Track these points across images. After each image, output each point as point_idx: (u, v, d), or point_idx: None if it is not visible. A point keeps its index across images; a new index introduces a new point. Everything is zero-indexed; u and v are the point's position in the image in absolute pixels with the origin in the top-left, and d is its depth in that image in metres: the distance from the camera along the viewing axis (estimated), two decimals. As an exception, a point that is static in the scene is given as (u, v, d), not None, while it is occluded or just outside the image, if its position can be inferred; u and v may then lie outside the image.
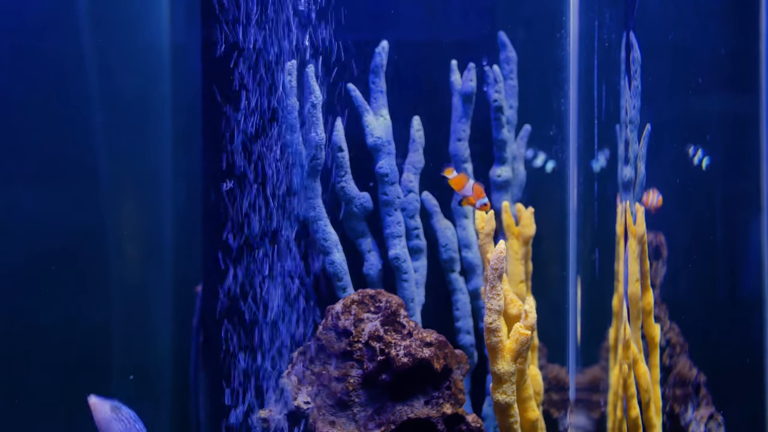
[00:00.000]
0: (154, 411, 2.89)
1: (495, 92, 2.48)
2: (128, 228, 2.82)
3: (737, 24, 2.74)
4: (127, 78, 2.85)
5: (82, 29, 2.68)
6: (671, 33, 2.58)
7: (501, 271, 1.95)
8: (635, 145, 2.38)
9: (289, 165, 2.31)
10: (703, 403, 2.54)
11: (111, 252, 2.76)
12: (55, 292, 2.62)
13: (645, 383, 2.27)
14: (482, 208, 2.19)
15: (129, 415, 1.94)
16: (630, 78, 2.34)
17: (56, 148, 2.62)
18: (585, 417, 2.68)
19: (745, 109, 2.73)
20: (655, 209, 2.39)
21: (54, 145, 2.62)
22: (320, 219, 2.34)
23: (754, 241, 2.72)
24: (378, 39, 2.40)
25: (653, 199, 2.39)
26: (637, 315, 2.32)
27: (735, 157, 2.75)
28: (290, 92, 2.28)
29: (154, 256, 2.89)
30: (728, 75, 2.72)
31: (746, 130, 2.74)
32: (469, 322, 2.49)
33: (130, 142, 2.82)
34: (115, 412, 1.93)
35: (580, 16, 2.64)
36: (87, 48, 2.69)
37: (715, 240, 2.70)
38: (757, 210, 2.70)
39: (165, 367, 2.90)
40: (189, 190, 2.80)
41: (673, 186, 2.61)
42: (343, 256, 2.36)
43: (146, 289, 2.87)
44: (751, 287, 2.74)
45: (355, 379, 2.08)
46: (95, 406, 1.92)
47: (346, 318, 2.12)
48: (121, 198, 2.79)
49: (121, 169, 2.78)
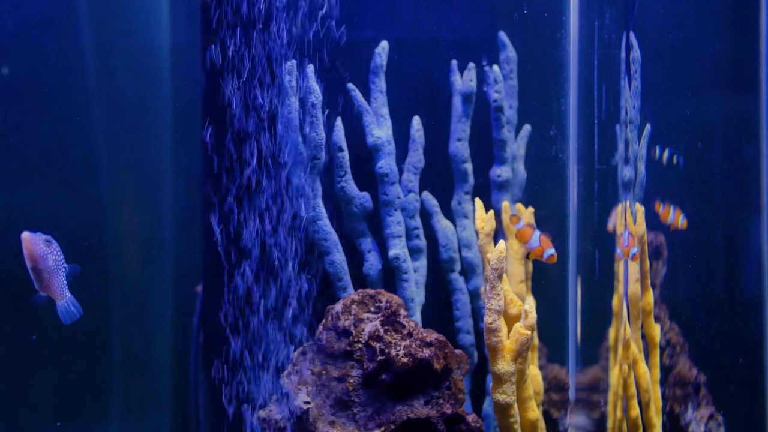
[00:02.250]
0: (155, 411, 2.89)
1: (495, 92, 2.48)
2: (128, 228, 2.82)
3: (737, 24, 2.74)
4: (128, 78, 2.85)
5: (83, 30, 2.68)
6: (671, 33, 2.58)
7: (501, 271, 1.95)
8: (635, 145, 2.38)
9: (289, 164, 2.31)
10: (703, 403, 2.54)
11: (111, 252, 2.76)
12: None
13: (645, 383, 2.27)
14: (549, 259, 2.16)
15: (58, 249, 1.90)
16: (630, 78, 2.34)
17: (56, 148, 2.62)
18: (585, 417, 2.68)
19: (745, 109, 2.73)
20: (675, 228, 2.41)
21: (54, 145, 2.62)
22: (320, 219, 2.34)
23: (754, 241, 2.72)
24: (378, 39, 2.40)
25: (678, 220, 2.40)
26: (637, 315, 2.33)
27: (735, 157, 2.75)
28: (290, 92, 2.29)
29: (154, 256, 2.89)
30: (728, 75, 2.72)
31: (746, 130, 2.74)
32: (469, 322, 2.49)
33: (130, 142, 2.82)
34: (48, 246, 1.89)
35: (580, 16, 2.64)
36: (87, 48, 2.70)
37: (715, 240, 2.70)
38: (757, 210, 2.70)
39: (165, 367, 2.90)
40: (189, 190, 2.80)
41: (673, 185, 2.61)
42: (343, 256, 2.36)
43: (146, 289, 2.87)
44: (751, 287, 2.75)
45: (355, 379, 2.08)
46: (28, 240, 1.84)
47: (346, 318, 2.13)
48: (121, 198, 2.79)
49: (121, 169, 2.78)
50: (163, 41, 2.94)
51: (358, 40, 2.39)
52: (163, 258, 2.88)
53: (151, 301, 2.87)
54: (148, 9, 2.93)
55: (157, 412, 2.89)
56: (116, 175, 2.75)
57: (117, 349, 2.77)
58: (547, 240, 2.17)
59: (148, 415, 2.89)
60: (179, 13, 2.94)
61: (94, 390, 2.75)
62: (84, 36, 2.69)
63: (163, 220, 2.90)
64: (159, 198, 2.89)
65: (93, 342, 2.72)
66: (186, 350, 2.72)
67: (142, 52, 2.92)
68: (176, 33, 2.93)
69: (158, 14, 2.94)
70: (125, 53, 2.85)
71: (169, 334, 2.88)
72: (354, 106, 2.38)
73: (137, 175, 2.84)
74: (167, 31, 2.93)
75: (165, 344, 2.90)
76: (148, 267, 2.87)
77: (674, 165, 2.42)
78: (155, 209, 2.89)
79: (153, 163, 2.89)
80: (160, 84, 2.91)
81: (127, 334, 2.79)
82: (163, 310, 2.87)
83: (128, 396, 2.82)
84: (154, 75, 2.91)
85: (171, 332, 2.88)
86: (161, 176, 2.89)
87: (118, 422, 2.79)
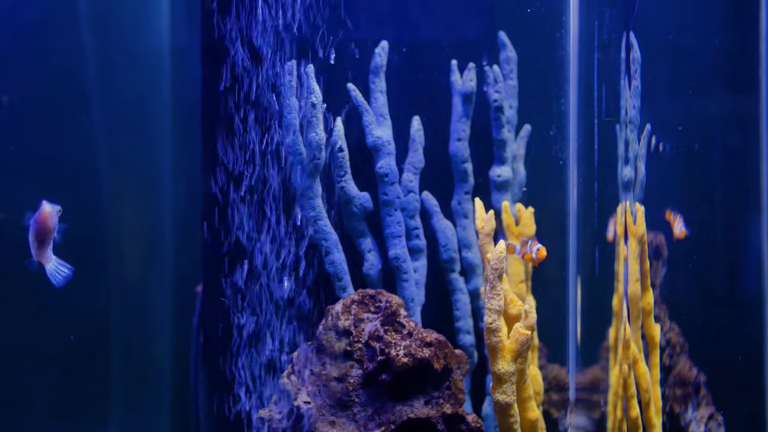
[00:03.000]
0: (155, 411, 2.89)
1: (495, 92, 2.48)
2: (128, 228, 2.82)
3: (737, 24, 2.74)
4: (128, 79, 2.86)
5: (83, 31, 2.69)
6: (671, 33, 2.58)
7: (501, 271, 1.95)
8: (635, 145, 2.38)
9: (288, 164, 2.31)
10: (703, 403, 2.54)
11: (111, 252, 2.77)
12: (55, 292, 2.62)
13: (645, 383, 2.27)
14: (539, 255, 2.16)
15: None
16: (630, 78, 2.34)
17: (57, 148, 2.63)
18: (585, 417, 2.68)
19: (745, 109, 2.73)
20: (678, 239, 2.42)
21: (55, 145, 2.62)
22: (320, 219, 2.34)
23: (754, 241, 2.72)
24: (378, 38, 2.40)
25: (678, 228, 2.41)
26: (637, 315, 2.32)
27: (735, 157, 2.75)
28: (290, 92, 2.29)
29: (154, 256, 2.89)
30: (728, 75, 2.72)
31: (746, 130, 2.74)
32: (469, 322, 2.49)
33: (130, 143, 2.83)
34: (57, 214, 1.96)
35: (580, 16, 2.64)
36: (88, 50, 2.70)
37: (715, 240, 2.70)
38: (757, 210, 2.70)
39: (165, 367, 2.90)
40: (189, 190, 2.81)
41: (673, 185, 2.61)
42: (343, 256, 2.36)
43: (146, 289, 2.87)
44: (751, 287, 2.74)
45: (355, 379, 2.08)
46: (48, 213, 1.93)
47: (346, 318, 2.13)
48: (121, 198, 2.79)
49: (121, 169, 2.78)
50: (163, 43, 2.94)
51: (358, 40, 2.39)
52: (163, 258, 2.89)
53: (151, 301, 2.87)
54: (148, 11, 2.94)
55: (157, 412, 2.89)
56: (116, 176, 2.76)
57: (117, 349, 2.78)
58: (534, 241, 2.18)
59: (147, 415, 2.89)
60: (179, 15, 2.95)
61: (94, 390, 2.75)
62: (84, 36, 2.69)
63: (163, 220, 2.91)
64: (159, 198, 2.89)
65: (93, 342, 2.72)
66: (186, 350, 2.72)
67: (143, 54, 2.92)
68: (176, 35, 2.93)
69: (158, 16, 2.94)
70: (126, 55, 2.86)
71: (169, 334, 2.89)
72: (354, 106, 2.38)
73: (137, 175, 2.85)
74: (167, 32, 2.94)
75: (165, 344, 2.90)
76: (148, 267, 2.87)
77: (661, 152, 2.41)
78: (155, 209, 2.90)
79: (153, 163, 2.90)
80: (160, 85, 2.91)
81: (127, 334, 2.79)
82: (163, 310, 2.87)
83: (128, 396, 2.82)
84: (154, 76, 2.91)
85: (171, 332, 2.88)
86: (161, 176, 2.89)
87: (118, 422, 2.79)
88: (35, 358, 2.58)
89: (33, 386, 2.58)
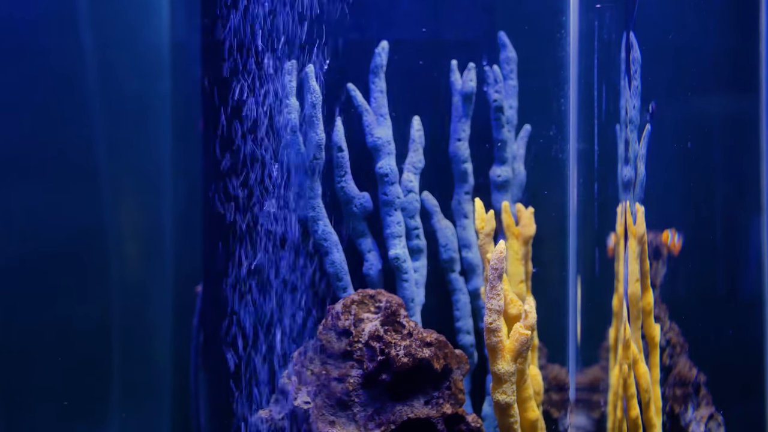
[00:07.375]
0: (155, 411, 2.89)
1: (495, 92, 2.48)
2: (128, 228, 2.82)
3: (737, 24, 2.74)
4: (127, 77, 2.85)
5: (82, 29, 2.68)
6: (671, 33, 2.57)
7: (501, 271, 1.95)
8: (635, 145, 2.38)
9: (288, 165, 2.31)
10: (703, 403, 2.54)
11: (111, 252, 2.76)
12: (55, 292, 2.62)
13: (645, 383, 2.27)
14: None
15: None
16: (630, 78, 2.34)
17: (56, 147, 2.63)
18: (585, 417, 2.68)
19: (745, 109, 2.73)
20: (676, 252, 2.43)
21: (54, 144, 2.62)
22: (320, 219, 2.34)
23: (754, 241, 2.72)
24: (378, 38, 2.39)
25: (674, 243, 2.42)
26: (637, 315, 2.32)
27: (735, 157, 2.75)
28: (290, 92, 2.28)
29: (154, 256, 2.89)
30: (728, 75, 2.72)
31: (746, 130, 2.74)
32: (469, 322, 2.49)
33: (130, 142, 2.83)
34: None
35: (580, 16, 2.64)
36: (87, 47, 2.70)
37: (715, 240, 2.70)
38: (757, 210, 2.70)
39: (165, 367, 2.90)
40: (189, 190, 2.81)
41: (673, 185, 2.61)
42: (343, 256, 2.36)
43: (146, 289, 2.87)
44: (751, 287, 2.75)
45: (355, 379, 2.08)
46: None
47: (346, 318, 2.13)
48: (121, 198, 2.79)
49: (121, 169, 2.78)
50: (163, 40, 2.94)
51: (358, 40, 2.39)
52: (163, 258, 2.89)
53: (151, 301, 2.87)
54: (148, 8, 2.93)
55: (157, 412, 2.89)
56: (116, 175, 2.76)
57: (117, 349, 2.77)
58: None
59: (148, 415, 2.89)
60: (179, 13, 2.94)
61: (94, 390, 2.75)
62: (84, 35, 2.69)
63: (163, 220, 2.91)
64: (159, 198, 2.89)
65: (93, 342, 2.72)
66: (186, 350, 2.72)
67: (142, 52, 2.92)
68: (176, 32, 2.93)
69: (158, 13, 2.94)
70: (125, 53, 2.85)
71: (169, 334, 2.88)
72: (354, 106, 2.38)
73: (137, 174, 2.85)
74: (167, 30, 2.93)
75: (165, 344, 2.90)
76: (148, 267, 2.87)
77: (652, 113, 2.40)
78: (155, 209, 2.90)
79: (153, 162, 2.89)
80: (160, 83, 2.91)
81: (127, 334, 2.79)
82: (163, 310, 2.87)
83: (128, 396, 2.82)
84: (154, 74, 2.91)
85: (171, 332, 2.88)
86: (161, 176, 2.89)
87: (118, 422, 2.79)
88: (34, 359, 2.58)
89: (32, 386, 2.58)
